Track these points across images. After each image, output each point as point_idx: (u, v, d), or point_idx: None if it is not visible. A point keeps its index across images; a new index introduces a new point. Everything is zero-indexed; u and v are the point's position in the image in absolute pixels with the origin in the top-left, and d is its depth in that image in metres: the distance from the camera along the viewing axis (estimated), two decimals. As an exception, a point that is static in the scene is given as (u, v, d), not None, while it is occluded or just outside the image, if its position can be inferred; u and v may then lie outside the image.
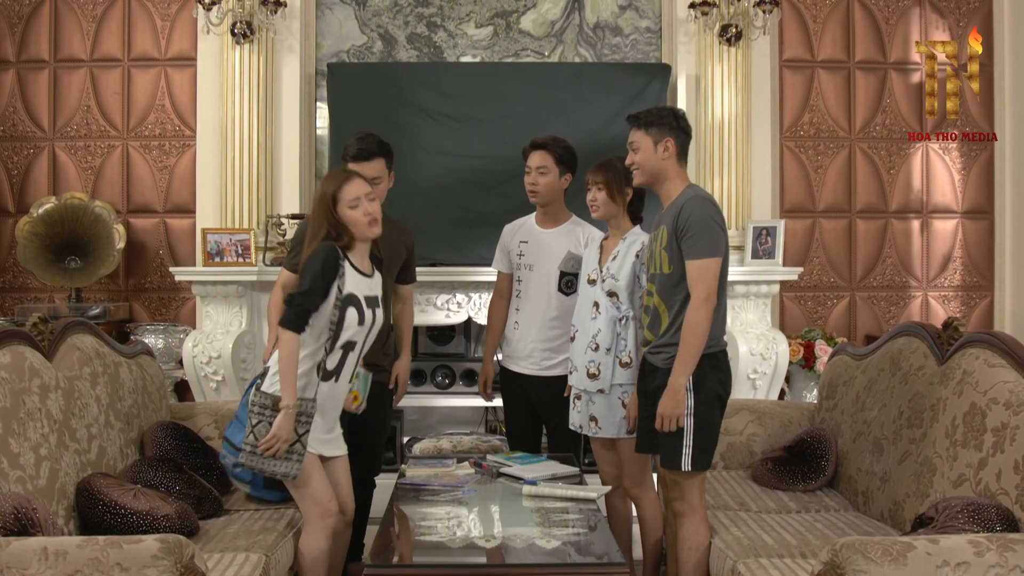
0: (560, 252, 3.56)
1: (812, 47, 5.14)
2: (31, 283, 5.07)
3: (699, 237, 2.77)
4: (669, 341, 2.86)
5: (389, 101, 4.93)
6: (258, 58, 4.79)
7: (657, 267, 2.89)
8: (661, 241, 2.86)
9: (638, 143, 2.93)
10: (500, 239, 3.77)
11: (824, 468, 3.45)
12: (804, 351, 4.81)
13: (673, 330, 2.85)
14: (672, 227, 2.82)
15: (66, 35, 5.05)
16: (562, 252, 3.56)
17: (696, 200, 2.83)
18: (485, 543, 2.49)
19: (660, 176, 2.93)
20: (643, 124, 2.93)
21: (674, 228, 2.81)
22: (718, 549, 2.87)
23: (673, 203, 2.89)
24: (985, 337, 2.78)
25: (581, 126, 4.82)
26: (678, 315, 2.84)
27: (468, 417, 5.05)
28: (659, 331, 2.90)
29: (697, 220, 2.78)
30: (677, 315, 2.85)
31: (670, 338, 2.85)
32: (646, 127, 2.92)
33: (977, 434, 2.59)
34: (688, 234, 2.78)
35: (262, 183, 4.82)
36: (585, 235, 3.60)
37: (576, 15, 5.11)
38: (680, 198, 2.88)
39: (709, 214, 2.81)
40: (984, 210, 5.22)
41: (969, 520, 2.28)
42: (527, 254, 3.64)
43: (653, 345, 2.92)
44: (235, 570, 2.53)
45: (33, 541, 1.90)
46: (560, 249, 3.57)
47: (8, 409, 2.48)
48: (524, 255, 3.64)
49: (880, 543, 1.95)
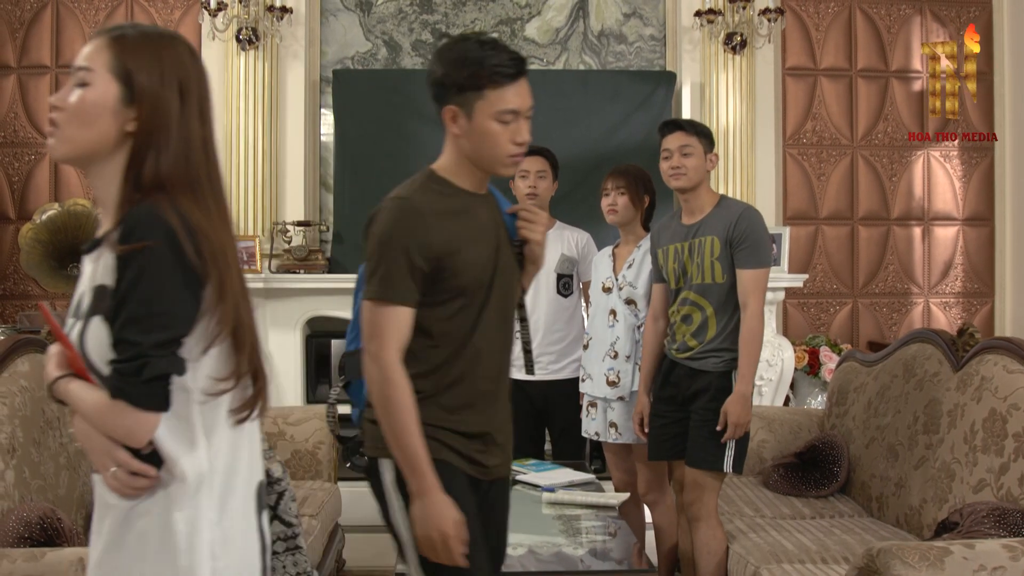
0: (554, 256, 3.60)
1: (815, 55, 5.17)
2: (33, 290, 5.03)
3: (756, 248, 2.85)
4: (719, 347, 2.89)
5: (394, 108, 4.93)
6: (263, 64, 4.78)
7: (708, 277, 2.90)
8: (713, 251, 2.88)
9: (692, 148, 2.94)
10: None
11: (836, 474, 3.46)
12: (809, 358, 4.83)
13: (722, 336, 2.89)
14: (725, 237, 2.86)
15: (68, 41, 5.02)
16: (556, 255, 3.59)
17: (751, 211, 2.92)
18: (512, 551, 2.48)
19: (700, 184, 2.97)
20: (698, 132, 2.97)
21: (728, 238, 2.85)
22: (738, 555, 2.87)
23: (717, 214, 2.92)
24: (1003, 343, 2.81)
25: (587, 134, 4.84)
26: (728, 322, 2.89)
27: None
28: (705, 338, 2.92)
29: (755, 231, 2.86)
30: (728, 322, 2.89)
31: (719, 344, 2.89)
32: (699, 135, 2.96)
33: (998, 439, 2.61)
34: (745, 244, 2.84)
35: (267, 190, 4.80)
36: (575, 237, 3.65)
37: (580, 23, 5.12)
38: (727, 209, 2.92)
39: (763, 225, 2.91)
40: (985, 217, 5.27)
41: (996, 525, 2.30)
42: None
43: (698, 351, 2.94)
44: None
45: (68, 552, 1.88)
46: (554, 253, 3.60)
47: (29, 418, 2.46)
48: None
49: (917, 548, 1.96)
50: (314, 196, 5.02)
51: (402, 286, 1.75)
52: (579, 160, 4.70)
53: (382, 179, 4.89)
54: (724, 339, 2.89)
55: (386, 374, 1.74)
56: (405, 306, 1.76)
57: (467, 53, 1.76)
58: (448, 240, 1.78)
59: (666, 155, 2.96)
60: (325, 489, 3.58)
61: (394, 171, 4.92)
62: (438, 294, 1.79)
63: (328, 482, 3.74)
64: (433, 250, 1.77)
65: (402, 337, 1.77)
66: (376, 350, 1.75)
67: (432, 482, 1.73)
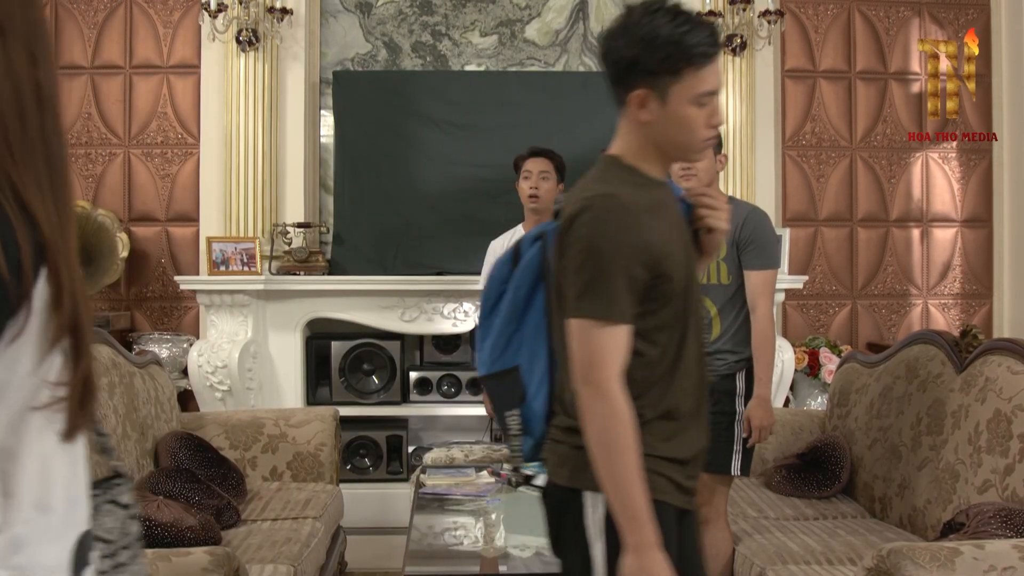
0: None
1: (814, 57, 5.19)
2: (31, 292, 5.00)
3: (764, 249, 2.85)
4: (723, 348, 2.89)
5: (394, 110, 4.92)
6: (263, 66, 4.77)
7: (713, 278, 2.91)
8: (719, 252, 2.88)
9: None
10: (488, 256, 3.74)
11: (839, 475, 3.47)
12: (809, 359, 4.84)
13: (726, 338, 2.89)
14: (732, 238, 2.86)
15: (67, 42, 5.00)
16: None
17: (758, 212, 2.92)
18: (520, 552, 2.49)
19: (710, 185, 2.97)
20: None
21: (734, 239, 2.85)
22: (743, 556, 2.88)
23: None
24: (1007, 344, 2.82)
25: (587, 136, 4.83)
26: (732, 323, 2.89)
27: (472, 426, 5.03)
28: (709, 339, 2.92)
29: (762, 232, 2.86)
30: (732, 323, 2.89)
31: (722, 345, 2.89)
32: None
33: (1003, 440, 2.61)
34: (754, 246, 2.84)
35: (267, 191, 4.79)
36: None
37: (580, 24, 5.13)
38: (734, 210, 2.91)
39: (770, 226, 2.92)
40: (983, 219, 5.28)
41: (1003, 525, 2.30)
42: None
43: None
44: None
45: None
46: None
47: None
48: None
49: (927, 548, 1.96)
50: (314, 198, 5.01)
51: (622, 301, 1.52)
52: (579, 162, 4.60)
53: (382, 180, 4.93)
54: (728, 340, 2.89)
55: (613, 409, 1.50)
56: (626, 324, 1.53)
57: (660, 31, 1.54)
58: (662, 240, 1.57)
59: None
60: (327, 491, 3.57)
61: (394, 172, 4.99)
62: (650, 303, 1.57)
63: (330, 484, 3.73)
64: (651, 253, 1.54)
65: (623, 362, 1.53)
66: (600, 380, 1.51)
67: (653, 538, 1.50)
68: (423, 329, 4.68)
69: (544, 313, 1.72)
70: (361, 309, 4.63)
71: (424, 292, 4.61)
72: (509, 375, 1.72)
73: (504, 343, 1.74)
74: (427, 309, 4.64)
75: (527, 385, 1.72)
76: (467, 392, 4.76)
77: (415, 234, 4.83)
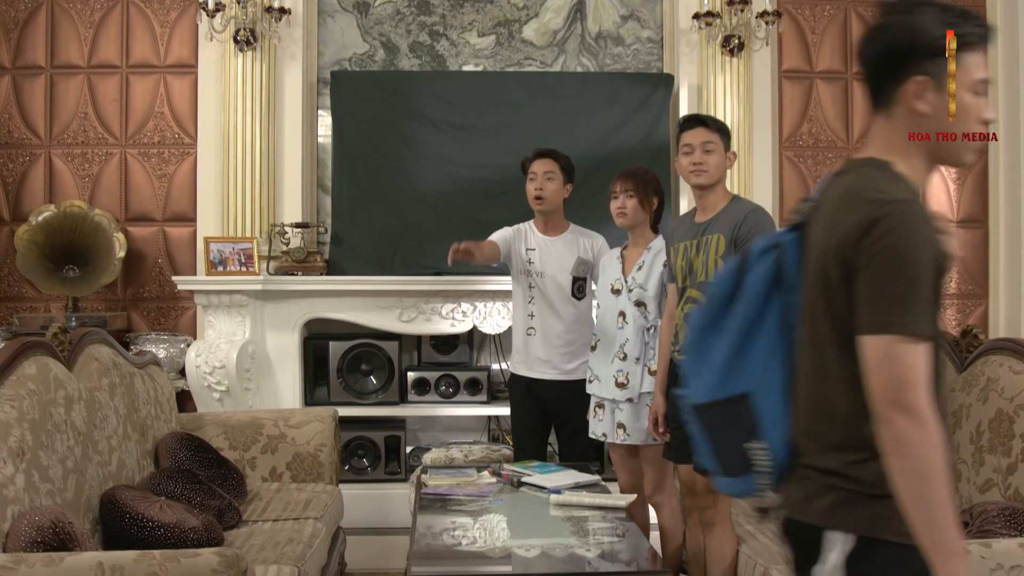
0: (570, 259, 3.61)
1: (811, 58, 5.20)
2: (27, 292, 4.98)
3: None
4: None
5: (392, 110, 4.92)
6: (260, 66, 4.76)
7: (712, 275, 2.90)
8: (718, 249, 2.88)
9: (714, 145, 2.95)
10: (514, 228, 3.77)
11: (839, 474, 3.47)
12: (806, 359, 4.85)
13: None
14: (731, 236, 2.84)
15: (63, 41, 4.98)
16: (571, 258, 3.60)
17: (759, 211, 2.90)
18: (525, 552, 2.48)
19: (718, 182, 2.97)
20: (720, 130, 2.98)
21: (733, 236, 2.84)
22: (747, 556, 2.88)
23: (726, 212, 2.91)
24: (1008, 344, 2.83)
25: (585, 136, 4.84)
26: None
27: (471, 426, 5.03)
28: None
29: (762, 229, 2.84)
30: None
31: None
32: (720, 132, 2.97)
33: (1005, 440, 2.63)
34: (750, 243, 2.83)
35: (264, 192, 4.78)
36: (591, 242, 3.66)
37: (578, 24, 5.13)
38: (736, 208, 2.91)
39: (771, 225, 2.90)
40: (979, 219, 5.30)
41: (1006, 524, 2.31)
42: (536, 261, 3.67)
43: None
44: (269, 582, 2.51)
45: (87, 556, 1.86)
46: (569, 256, 3.62)
47: (37, 421, 2.44)
48: (534, 262, 3.67)
49: (934, 548, 1.96)
50: (311, 198, 5.00)
51: (932, 316, 1.39)
52: (577, 162, 4.65)
53: (380, 180, 4.92)
54: None
55: (931, 436, 1.34)
56: (932, 342, 1.39)
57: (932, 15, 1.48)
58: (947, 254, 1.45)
59: (687, 150, 2.96)
60: (327, 492, 3.57)
61: (392, 172, 4.98)
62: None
63: (330, 484, 3.73)
64: (944, 267, 1.43)
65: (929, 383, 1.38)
66: (913, 403, 1.35)
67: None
68: (421, 329, 4.67)
69: (779, 333, 1.55)
70: (359, 309, 4.63)
71: (422, 292, 4.61)
72: (737, 404, 1.54)
73: (726, 368, 1.57)
74: (425, 309, 4.63)
75: (762, 414, 1.54)
76: (465, 392, 4.75)
77: (413, 234, 4.82)
